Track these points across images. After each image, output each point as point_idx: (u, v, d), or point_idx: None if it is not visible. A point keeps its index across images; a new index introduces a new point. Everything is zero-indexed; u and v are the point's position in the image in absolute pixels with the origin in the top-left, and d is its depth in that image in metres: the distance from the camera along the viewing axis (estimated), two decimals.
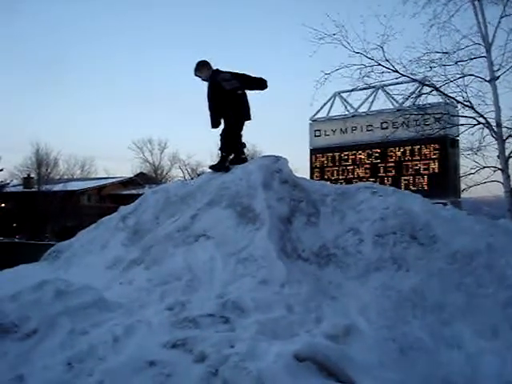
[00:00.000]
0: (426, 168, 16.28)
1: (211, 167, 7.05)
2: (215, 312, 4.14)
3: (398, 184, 15.76)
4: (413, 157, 16.47)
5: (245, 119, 7.01)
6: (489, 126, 11.25)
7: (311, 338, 3.76)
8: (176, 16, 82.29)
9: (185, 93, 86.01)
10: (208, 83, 6.91)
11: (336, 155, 18.12)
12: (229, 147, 7.01)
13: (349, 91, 16.09)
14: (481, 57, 11.29)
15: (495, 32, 11.14)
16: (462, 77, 11.38)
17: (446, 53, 11.38)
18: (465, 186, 12.87)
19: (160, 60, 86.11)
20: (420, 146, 16.15)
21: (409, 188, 15.39)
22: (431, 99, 13.03)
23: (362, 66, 11.98)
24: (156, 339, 3.74)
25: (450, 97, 11.90)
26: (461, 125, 12.54)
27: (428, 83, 12.03)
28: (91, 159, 64.72)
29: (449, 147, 15.76)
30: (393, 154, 16.85)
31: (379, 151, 17.12)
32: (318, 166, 18.49)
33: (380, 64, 11.87)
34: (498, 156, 11.22)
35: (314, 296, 4.66)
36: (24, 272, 6.02)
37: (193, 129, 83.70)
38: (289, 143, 61.91)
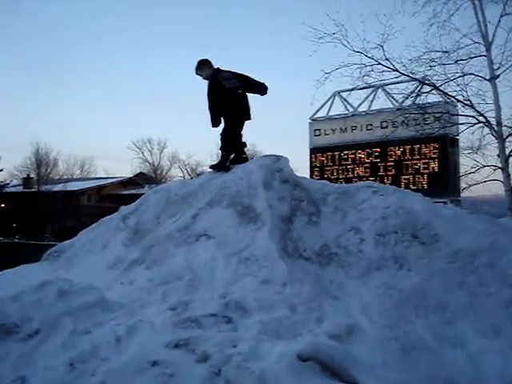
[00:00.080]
0: (426, 167, 16.28)
1: (212, 167, 7.05)
2: (218, 312, 4.13)
3: (398, 183, 15.78)
4: (413, 156, 16.48)
5: (245, 119, 7.00)
6: (489, 125, 11.22)
7: (314, 338, 3.75)
8: (176, 16, 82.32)
9: (184, 93, 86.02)
10: (208, 82, 6.91)
11: (336, 154, 18.13)
12: (229, 147, 7.00)
13: (348, 90, 16.08)
14: (481, 56, 11.26)
15: (495, 31, 11.11)
16: (462, 76, 11.35)
17: (446, 52, 11.36)
18: (465, 185, 12.85)
19: (159, 60, 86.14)
20: (420, 145, 16.16)
21: (409, 187, 15.40)
22: (431, 98, 13.03)
23: (362, 65, 11.94)
24: (158, 339, 3.73)
25: (450, 96, 11.88)
26: (461, 124, 12.51)
27: (428, 82, 12.01)
28: (91, 159, 64.65)
29: (448, 146, 15.76)
30: (393, 153, 16.86)
31: (379, 150, 17.13)
32: (318, 166, 18.50)
33: (380, 63, 11.84)
34: (498, 155, 11.20)
35: (316, 296, 4.65)
36: (25, 272, 6.01)
37: (192, 129, 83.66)
38: (289, 143, 61.94)
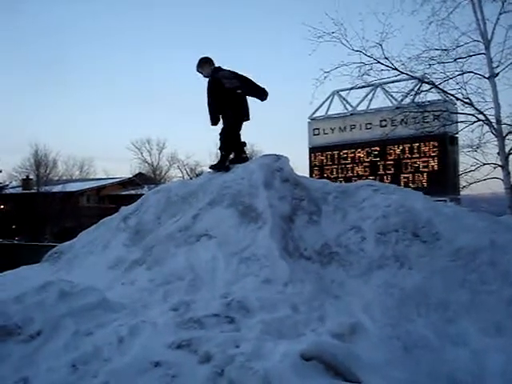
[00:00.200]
0: (426, 165, 16.25)
1: (211, 167, 7.04)
2: (220, 312, 4.12)
3: (398, 182, 15.76)
4: (412, 154, 16.44)
5: (244, 119, 7.00)
6: (488, 123, 11.24)
7: (317, 337, 3.74)
8: (176, 16, 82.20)
9: (183, 93, 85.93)
10: (208, 80, 6.91)
11: (335, 153, 18.09)
12: (228, 146, 7.00)
13: (347, 89, 16.10)
14: (480, 54, 11.29)
15: (494, 29, 11.15)
16: (461, 74, 11.39)
17: (445, 50, 11.39)
18: (465, 183, 12.85)
19: (159, 60, 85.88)
20: (419, 144, 16.11)
21: (408, 185, 15.34)
22: (430, 97, 13.06)
23: (362, 64, 12.02)
24: (161, 340, 3.71)
25: (450, 94, 11.90)
26: (460, 122, 12.54)
27: (427, 80, 12.02)
28: (90, 160, 64.23)
29: (448, 144, 15.72)
30: (392, 152, 16.82)
31: (378, 149, 17.09)
32: (318, 165, 18.46)
33: (379, 62, 11.91)
34: (498, 153, 11.22)
35: (317, 295, 4.64)
36: (25, 273, 6.00)
37: (191, 129, 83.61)
38: (288, 142, 61.81)
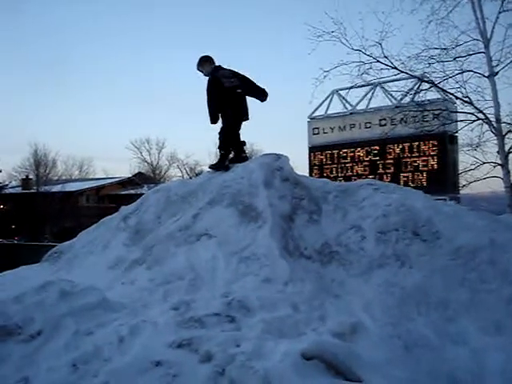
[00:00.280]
0: (425, 164, 16.24)
1: (211, 167, 7.03)
2: (221, 311, 4.12)
3: (397, 181, 15.77)
4: (412, 153, 16.44)
5: (243, 119, 7.00)
6: (488, 122, 11.23)
7: (318, 337, 3.74)
8: (176, 16, 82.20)
9: (182, 92, 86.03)
10: (208, 78, 6.91)
11: (335, 153, 18.09)
12: (228, 145, 7.00)
13: (347, 89, 16.07)
14: (479, 52, 11.26)
15: (493, 27, 11.10)
16: (461, 73, 11.36)
17: (445, 49, 11.37)
18: (465, 182, 12.83)
19: (158, 60, 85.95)
20: (419, 143, 16.12)
21: (408, 185, 15.34)
22: (430, 96, 13.05)
23: (361, 63, 11.98)
24: (161, 339, 3.71)
25: (449, 93, 11.89)
26: (460, 121, 12.51)
27: (427, 79, 12.01)
28: (89, 160, 64.28)
29: (447, 143, 15.72)
30: (391, 151, 16.82)
31: (378, 148, 17.09)
32: (317, 164, 18.46)
33: (379, 61, 11.88)
34: (498, 152, 11.21)
35: (318, 294, 4.64)
36: (25, 273, 6.00)
37: (191, 128, 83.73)
38: (287, 141, 61.82)
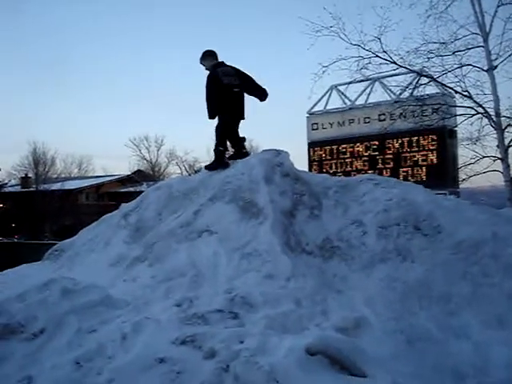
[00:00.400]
0: (425, 159, 16.23)
1: (207, 167, 6.86)
2: (224, 307, 4.12)
3: (397, 175, 15.74)
4: (411, 148, 16.43)
5: (239, 118, 6.97)
6: (488, 116, 11.23)
7: (322, 332, 3.73)
8: (175, 16, 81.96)
9: (181, 89, 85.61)
10: (208, 73, 6.88)
11: (334, 148, 18.06)
12: (225, 142, 6.95)
13: (345, 84, 16.07)
14: (478, 46, 11.26)
15: (492, 21, 11.10)
16: (460, 67, 11.37)
17: (444, 43, 11.37)
18: (464, 176, 12.85)
19: (157, 58, 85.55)
20: (418, 138, 16.11)
21: (407, 179, 15.33)
22: (429, 90, 13.03)
23: (360, 58, 11.98)
24: (165, 336, 3.71)
25: (449, 87, 11.88)
26: (460, 115, 12.52)
27: (426, 74, 12.00)
28: (88, 157, 63.77)
29: (447, 138, 15.71)
30: (391, 146, 16.81)
31: (377, 143, 17.08)
32: (316, 160, 18.43)
33: (378, 55, 11.88)
34: (498, 145, 11.21)
35: (320, 289, 4.64)
36: (27, 271, 6.00)
37: (189, 125, 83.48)
38: (286, 137, 61.68)
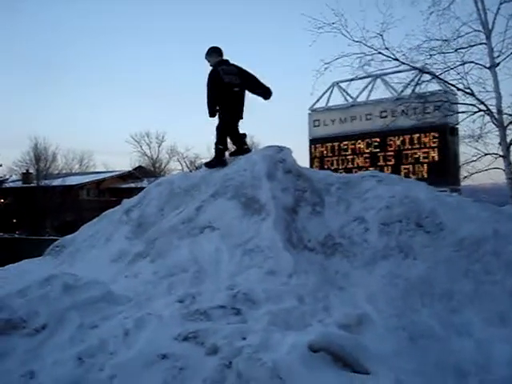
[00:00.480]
0: (426, 156, 16.20)
1: (206, 164, 6.90)
2: (226, 304, 4.11)
3: (398, 173, 15.70)
4: (412, 145, 16.39)
5: (238, 117, 6.96)
6: (490, 113, 11.22)
7: (325, 328, 3.72)
8: (178, 11, 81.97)
9: (182, 86, 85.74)
10: (210, 70, 6.87)
11: (335, 145, 18.04)
12: (225, 140, 6.93)
13: (347, 81, 16.05)
14: (481, 44, 11.26)
15: (495, 18, 11.10)
16: (462, 64, 11.35)
17: (446, 40, 11.37)
18: (466, 174, 12.85)
19: (157, 54, 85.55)
20: (419, 135, 16.06)
21: (408, 176, 15.32)
22: (432, 87, 13.01)
23: (362, 55, 11.97)
24: (167, 332, 3.70)
25: (451, 84, 11.86)
26: (461, 112, 12.50)
27: (428, 71, 11.98)
28: (89, 153, 63.76)
29: (448, 135, 15.68)
30: (392, 143, 16.77)
31: (379, 140, 17.04)
32: (318, 156, 18.40)
33: (380, 52, 11.87)
34: (500, 143, 11.20)
35: (322, 286, 4.63)
36: (28, 267, 6.00)
37: (190, 121, 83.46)
38: (288, 134, 61.64)
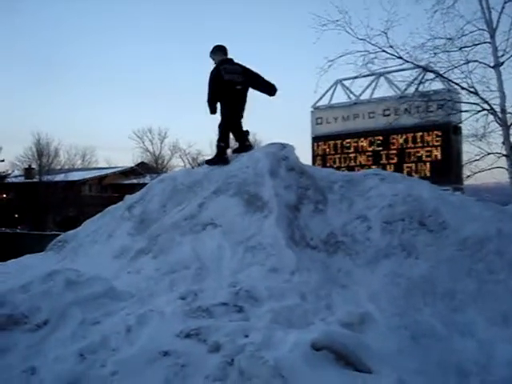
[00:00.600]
0: (429, 155, 16.15)
1: (208, 162, 6.89)
2: (228, 301, 4.10)
3: (401, 171, 15.66)
4: (415, 144, 16.34)
5: (239, 115, 6.95)
6: (493, 112, 11.18)
7: (327, 327, 3.72)
8: (179, 9, 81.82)
9: (184, 82, 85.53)
10: (213, 68, 6.85)
11: (338, 143, 17.99)
12: (227, 138, 6.92)
13: (350, 78, 15.99)
14: (485, 42, 11.19)
15: (499, 17, 11.02)
16: (466, 63, 11.30)
17: (450, 39, 11.30)
18: (469, 173, 12.81)
19: (160, 51, 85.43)
20: (422, 133, 16.01)
21: (411, 175, 15.27)
22: (435, 86, 12.96)
23: (366, 53, 11.91)
24: (169, 329, 3.69)
25: (455, 83, 11.82)
26: (465, 111, 12.46)
27: (432, 69, 11.93)
28: (92, 149, 63.48)
29: (451, 134, 15.64)
30: (395, 142, 16.73)
31: (381, 138, 16.99)
32: (320, 154, 18.35)
33: (384, 50, 11.81)
34: (503, 142, 11.17)
35: (324, 284, 4.63)
36: (30, 262, 6.00)
37: (193, 118, 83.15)
38: (290, 131, 61.45)
